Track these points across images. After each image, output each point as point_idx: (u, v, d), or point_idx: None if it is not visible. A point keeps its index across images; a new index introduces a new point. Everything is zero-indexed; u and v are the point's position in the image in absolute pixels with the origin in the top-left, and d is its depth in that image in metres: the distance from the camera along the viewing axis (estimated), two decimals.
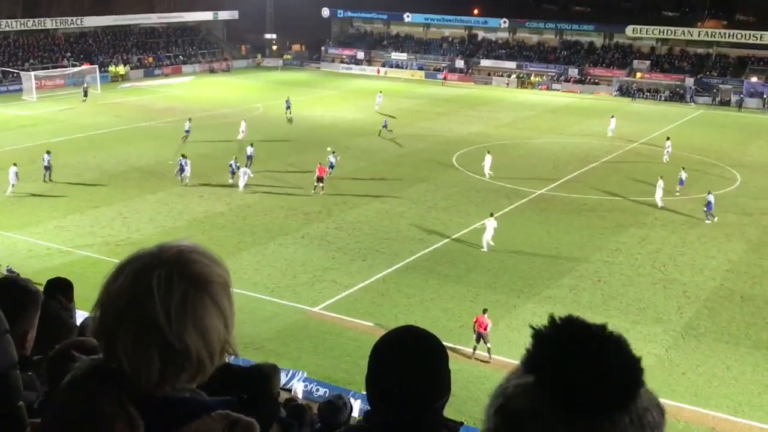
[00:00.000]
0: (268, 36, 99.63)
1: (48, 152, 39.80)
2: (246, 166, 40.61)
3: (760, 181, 43.75)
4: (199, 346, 1.84)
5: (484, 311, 23.23)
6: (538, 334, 1.54)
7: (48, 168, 39.26)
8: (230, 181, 39.75)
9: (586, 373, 1.46)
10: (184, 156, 39.89)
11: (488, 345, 22.51)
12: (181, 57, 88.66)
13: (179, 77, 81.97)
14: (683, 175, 40.20)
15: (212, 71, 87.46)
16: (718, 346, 23.71)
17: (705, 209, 35.99)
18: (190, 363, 1.86)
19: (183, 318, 1.82)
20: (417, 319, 24.01)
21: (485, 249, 31.22)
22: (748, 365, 22.73)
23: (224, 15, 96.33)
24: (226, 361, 2.09)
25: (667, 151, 47.19)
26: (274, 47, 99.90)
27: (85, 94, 63.37)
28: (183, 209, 35.71)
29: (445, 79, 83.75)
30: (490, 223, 31.57)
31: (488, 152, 43.48)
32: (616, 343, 1.51)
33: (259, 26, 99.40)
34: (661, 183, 37.64)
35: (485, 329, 22.58)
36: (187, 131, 47.86)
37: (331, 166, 40.62)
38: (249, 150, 43.24)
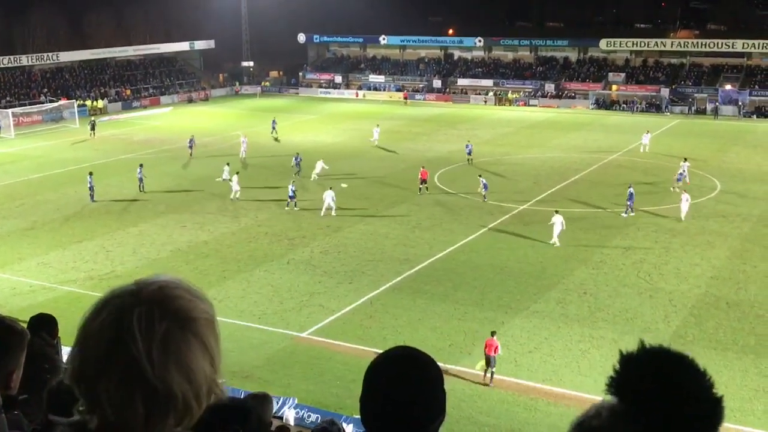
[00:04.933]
0: (245, 64, 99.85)
1: (141, 165, 44.94)
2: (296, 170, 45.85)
3: (739, 187, 44.13)
4: (184, 388, 1.74)
5: (492, 333, 22.57)
6: (627, 358, 1.55)
7: (141, 180, 43.92)
8: (293, 209, 39.65)
9: (669, 401, 1.47)
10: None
11: (492, 369, 21.95)
12: (159, 88, 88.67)
13: (158, 108, 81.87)
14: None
15: (191, 101, 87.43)
16: (707, 353, 23.74)
17: (628, 202, 38.18)
18: (176, 407, 1.75)
19: (166, 359, 1.72)
20: (406, 339, 23.93)
21: (557, 244, 33.56)
22: (737, 371, 22.79)
23: (200, 45, 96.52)
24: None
25: (681, 174, 44.17)
26: (252, 74, 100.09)
27: (93, 128, 63.07)
28: (166, 240, 35.53)
29: (405, 98, 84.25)
30: (557, 219, 33.55)
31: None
32: (703, 378, 1.53)
33: (236, 54, 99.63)
34: (686, 196, 37.64)
35: (494, 351, 21.89)
36: (298, 164, 47.72)
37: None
38: (295, 159, 47.66)
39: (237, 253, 33.59)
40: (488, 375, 22.07)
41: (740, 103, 74.34)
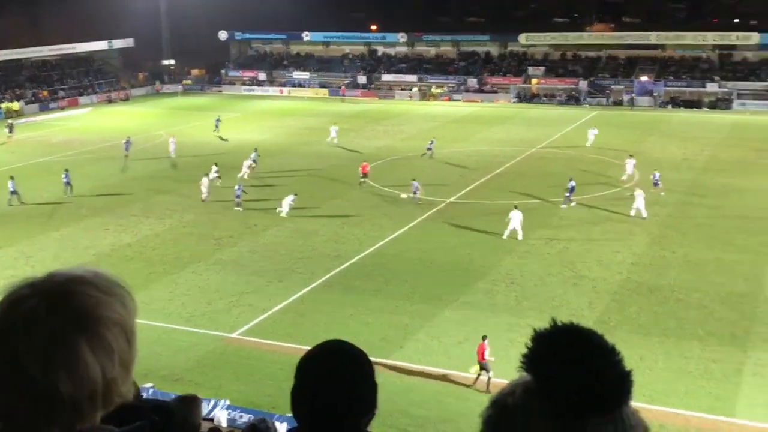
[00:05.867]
0: (165, 62, 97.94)
1: (66, 170, 43.42)
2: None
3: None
4: (71, 388, 1.63)
5: (483, 338, 22.21)
6: (538, 335, 1.61)
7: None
8: (238, 209, 39.04)
9: (577, 375, 1.53)
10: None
11: (489, 374, 21.47)
12: (77, 88, 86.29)
13: (76, 109, 79.67)
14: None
15: (110, 101, 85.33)
16: (630, 337, 24.44)
17: (567, 194, 39.05)
18: (63, 408, 1.65)
19: (50, 357, 1.62)
20: (338, 335, 23.15)
21: (505, 237, 33.88)
22: (659, 354, 23.55)
23: (119, 43, 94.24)
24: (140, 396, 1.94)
25: (628, 173, 44.72)
26: (173, 72, 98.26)
27: (11, 130, 60.84)
28: (89, 244, 34.69)
29: (343, 95, 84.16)
30: (516, 215, 33.81)
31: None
32: (611, 353, 1.59)
33: (156, 53, 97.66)
34: (640, 192, 37.63)
35: (482, 357, 21.60)
36: (254, 160, 47.41)
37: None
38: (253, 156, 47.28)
39: (162, 255, 33.03)
40: (483, 379, 21.59)
41: (655, 94, 76.56)
